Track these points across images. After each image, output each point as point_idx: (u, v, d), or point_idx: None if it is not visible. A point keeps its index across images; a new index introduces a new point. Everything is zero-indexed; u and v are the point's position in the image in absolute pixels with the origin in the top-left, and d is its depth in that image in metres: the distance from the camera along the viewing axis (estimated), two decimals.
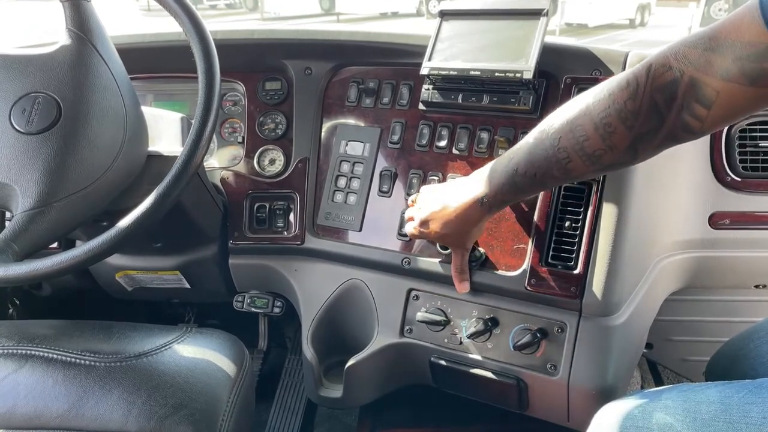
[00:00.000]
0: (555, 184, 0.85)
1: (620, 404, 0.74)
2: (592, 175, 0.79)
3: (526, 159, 0.75)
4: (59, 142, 0.77)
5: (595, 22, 12.64)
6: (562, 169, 0.72)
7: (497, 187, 0.78)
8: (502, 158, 0.79)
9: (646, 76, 0.64)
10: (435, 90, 1.01)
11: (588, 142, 0.68)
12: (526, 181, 0.76)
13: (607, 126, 0.66)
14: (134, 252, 1.16)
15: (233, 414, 0.85)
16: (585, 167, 0.71)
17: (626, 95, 0.65)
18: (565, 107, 0.72)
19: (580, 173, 0.72)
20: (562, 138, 0.70)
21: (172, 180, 0.76)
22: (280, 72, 1.16)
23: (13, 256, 0.72)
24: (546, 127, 0.73)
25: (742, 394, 0.67)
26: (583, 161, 0.70)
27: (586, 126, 0.68)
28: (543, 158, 0.73)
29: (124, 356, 0.84)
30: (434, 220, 0.87)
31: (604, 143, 0.67)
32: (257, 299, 1.22)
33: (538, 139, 0.74)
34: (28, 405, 0.78)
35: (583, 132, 0.68)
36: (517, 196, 0.82)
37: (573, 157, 0.70)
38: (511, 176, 0.76)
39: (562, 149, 0.71)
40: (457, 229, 0.86)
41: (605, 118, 0.66)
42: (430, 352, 0.99)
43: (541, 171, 0.74)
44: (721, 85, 0.60)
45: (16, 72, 0.80)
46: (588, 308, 0.88)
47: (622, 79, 0.66)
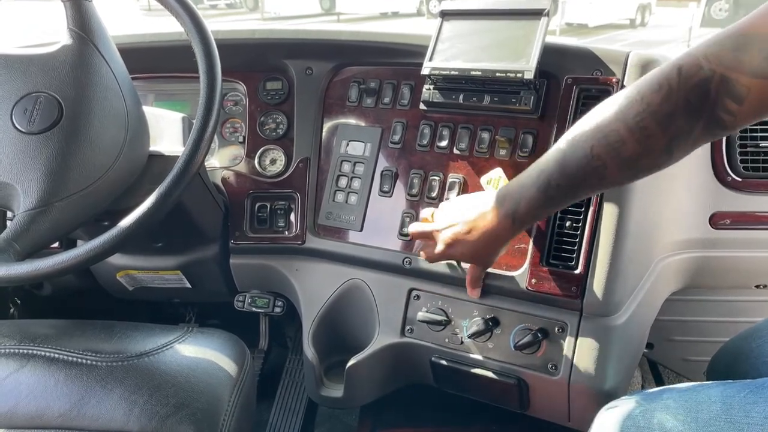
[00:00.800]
0: (589, 193, 0.80)
1: (622, 404, 0.74)
2: (627, 181, 0.77)
3: (559, 171, 0.72)
4: (61, 142, 0.77)
5: (595, 22, 12.64)
6: (598, 176, 0.70)
7: (529, 202, 0.76)
8: (528, 172, 0.77)
9: (678, 78, 0.64)
10: (436, 90, 1.01)
11: (624, 147, 0.67)
12: (560, 193, 0.74)
13: (643, 129, 0.66)
14: (135, 252, 1.16)
15: (234, 413, 0.85)
16: (621, 173, 0.70)
17: (660, 98, 0.65)
18: (592, 115, 0.70)
19: (616, 180, 0.71)
20: (595, 146, 0.69)
21: (173, 180, 0.76)
22: (281, 72, 1.16)
23: (14, 255, 0.73)
24: (575, 136, 0.71)
25: (744, 394, 0.67)
26: (619, 167, 0.69)
27: (620, 131, 0.67)
28: (577, 168, 0.71)
29: (125, 356, 0.84)
30: (461, 243, 0.83)
31: (640, 146, 0.66)
32: (258, 299, 1.23)
33: (569, 149, 0.72)
34: (30, 404, 0.78)
35: (618, 137, 0.67)
36: (550, 209, 0.79)
37: (609, 164, 0.69)
38: (543, 190, 0.74)
39: (596, 157, 0.69)
40: (486, 250, 0.83)
41: (641, 121, 0.65)
42: (430, 352, 0.99)
43: (575, 181, 0.72)
44: (751, 82, 0.60)
45: (18, 72, 0.80)
46: (589, 308, 0.88)
47: (653, 81, 0.66)
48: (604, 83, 0.92)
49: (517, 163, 0.96)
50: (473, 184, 0.98)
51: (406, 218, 1.02)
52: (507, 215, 0.78)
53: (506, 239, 0.83)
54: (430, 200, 1.00)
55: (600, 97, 0.91)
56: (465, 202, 0.86)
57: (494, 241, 0.82)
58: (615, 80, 0.91)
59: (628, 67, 0.91)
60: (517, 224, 0.79)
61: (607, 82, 0.92)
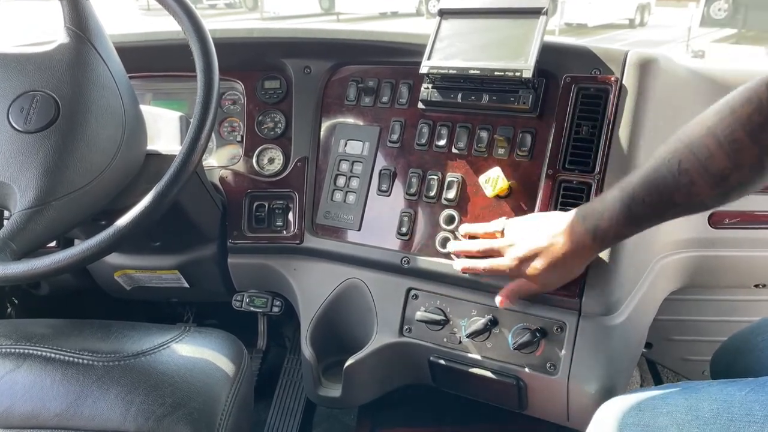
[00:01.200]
0: (675, 213, 0.73)
1: (622, 401, 0.74)
2: (717, 202, 0.70)
3: (643, 186, 0.70)
4: (57, 141, 0.77)
5: (594, 22, 12.65)
6: (685, 193, 0.68)
7: (611, 218, 0.73)
8: (611, 191, 0.75)
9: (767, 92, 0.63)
10: (434, 89, 1.00)
11: (712, 161, 0.65)
12: (645, 210, 0.71)
13: (733, 142, 0.64)
14: (133, 251, 1.15)
15: (232, 413, 0.84)
16: (710, 190, 0.67)
17: (751, 110, 0.64)
18: (681, 132, 0.69)
19: (704, 198, 0.68)
20: (683, 161, 0.67)
21: (170, 179, 0.75)
22: (279, 71, 1.16)
23: (11, 254, 0.72)
24: (663, 151, 0.70)
25: (745, 392, 0.67)
26: (708, 183, 0.67)
27: (709, 145, 0.65)
28: (663, 184, 0.69)
29: (122, 355, 0.84)
30: (539, 258, 0.79)
31: (730, 161, 0.65)
32: (256, 298, 1.22)
33: (655, 164, 0.70)
34: (26, 404, 0.77)
35: (707, 151, 0.65)
36: (633, 228, 0.75)
37: (696, 180, 0.67)
38: (627, 206, 0.72)
39: (683, 172, 0.67)
40: (560, 270, 0.80)
41: (731, 134, 0.64)
42: (429, 352, 0.99)
43: (661, 198, 0.70)
44: None
45: (15, 70, 0.80)
46: (587, 308, 0.88)
47: (743, 96, 0.65)
48: (602, 82, 0.92)
49: (515, 162, 0.96)
50: (472, 183, 0.98)
51: (405, 217, 1.02)
52: (587, 231, 0.76)
53: (584, 259, 0.80)
54: (429, 199, 1.00)
55: (599, 96, 0.91)
56: (541, 219, 0.84)
57: (571, 260, 0.79)
58: (614, 79, 0.91)
59: (627, 66, 0.91)
60: (597, 242, 0.76)
61: (606, 81, 0.91)
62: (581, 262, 0.81)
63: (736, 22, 9.90)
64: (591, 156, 0.90)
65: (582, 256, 0.79)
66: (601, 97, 0.92)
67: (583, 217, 0.77)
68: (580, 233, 0.76)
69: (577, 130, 0.92)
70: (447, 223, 0.98)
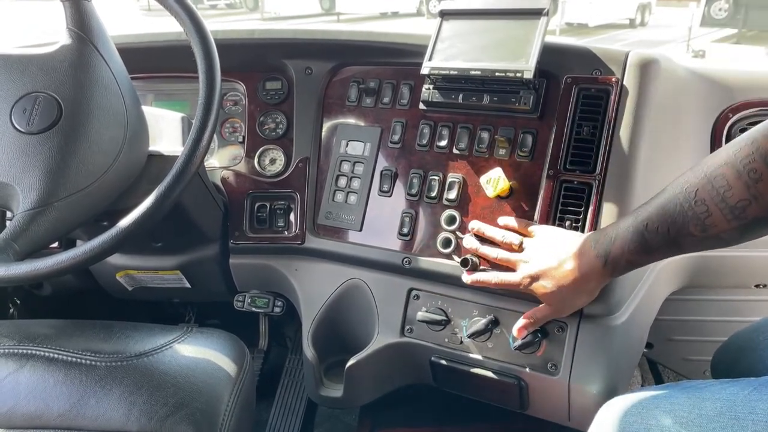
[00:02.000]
0: (690, 244, 0.71)
1: (623, 401, 0.74)
2: (735, 236, 0.67)
3: (658, 213, 0.70)
4: (60, 142, 0.77)
5: (595, 22, 12.65)
6: (700, 224, 0.67)
7: (623, 246, 0.73)
8: (626, 217, 0.74)
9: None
10: (435, 90, 1.01)
11: (730, 192, 0.64)
12: (658, 238, 0.70)
13: (752, 172, 0.63)
14: (135, 252, 1.16)
15: (234, 413, 0.85)
16: (726, 222, 0.65)
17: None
18: (701, 162, 0.68)
19: (720, 230, 0.66)
20: (700, 190, 0.66)
21: (172, 180, 0.76)
22: (280, 72, 1.16)
23: (13, 255, 0.73)
24: (680, 180, 0.69)
25: (748, 391, 0.67)
26: (725, 215, 0.65)
27: (727, 175, 0.64)
28: (678, 213, 0.68)
29: (124, 356, 0.84)
30: (546, 278, 0.80)
31: (749, 192, 0.63)
32: (258, 299, 1.23)
33: (671, 191, 0.69)
34: (29, 404, 0.78)
35: (725, 181, 0.64)
36: (645, 256, 0.74)
37: (713, 211, 0.65)
38: (639, 233, 0.71)
39: (699, 202, 0.66)
40: (569, 292, 0.79)
41: (750, 164, 0.63)
42: (430, 352, 0.99)
43: (675, 227, 0.68)
44: None
45: (17, 72, 0.80)
46: (588, 308, 0.88)
47: (764, 128, 0.64)
48: (603, 83, 0.92)
49: (516, 162, 0.96)
50: (473, 184, 0.98)
51: (406, 218, 1.02)
52: (598, 256, 0.75)
53: (594, 284, 0.79)
54: (430, 200, 1.00)
55: (599, 97, 0.91)
56: (558, 237, 0.83)
57: (581, 284, 0.78)
58: (614, 80, 0.91)
59: (628, 66, 0.91)
60: (608, 268, 0.75)
61: (607, 82, 0.92)
62: (592, 286, 0.80)
63: (737, 22, 9.90)
64: (592, 156, 0.90)
65: (592, 280, 0.78)
66: (601, 98, 0.92)
67: (596, 242, 0.76)
68: (591, 258, 0.76)
69: (578, 131, 0.92)
70: (448, 224, 0.98)
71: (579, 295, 0.81)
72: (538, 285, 0.81)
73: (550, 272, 0.80)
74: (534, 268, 0.82)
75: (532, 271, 0.82)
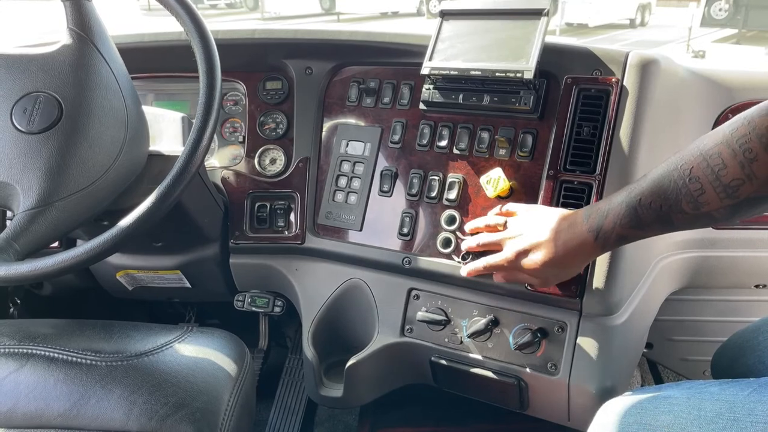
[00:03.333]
0: (682, 221, 0.70)
1: (624, 400, 0.74)
2: (725, 215, 0.67)
3: (652, 189, 0.70)
4: (60, 142, 0.77)
5: (595, 22, 12.65)
6: (693, 202, 0.67)
7: (615, 219, 0.73)
8: (620, 191, 0.74)
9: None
10: (436, 90, 1.01)
11: (725, 171, 0.64)
12: (650, 213, 0.70)
13: (748, 151, 0.63)
14: (135, 251, 1.16)
15: (234, 413, 0.85)
16: (719, 201, 0.65)
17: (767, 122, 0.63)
18: (697, 140, 0.68)
19: (713, 208, 0.66)
20: (695, 168, 0.66)
21: (173, 179, 0.76)
22: (280, 72, 1.16)
23: (14, 255, 0.73)
24: (676, 157, 0.69)
25: (747, 392, 0.67)
26: (718, 193, 0.65)
27: (723, 153, 0.64)
28: (671, 189, 0.68)
29: (125, 355, 0.84)
30: (538, 251, 0.79)
31: (743, 172, 0.63)
32: (258, 299, 1.23)
33: (666, 168, 0.69)
34: (30, 404, 0.78)
35: (720, 160, 0.64)
36: (637, 231, 0.73)
37: (707, 189, 0.65)
38: (632, 208, 0.71)
39: (694, 179, 0.66)
40: (563, 266, 0.79)
41: (746, 143, 0.63)
42: (430, 352, 0.99)
43: (668, 203, 0.68)
44: None
45: (18, 71, 0.80)
46: (588, 308, 0.88)
47: (762, 107, 0.64)
48: (603, 83, 0.92)
49: (516, 162, 0.96)
50: (473, 184, 0.98)
51: (406, 218, 1.02)
52: (591, 230, 0.75)
53: (585, 258, 0.79)
54: (430, 200, 1.00)
55: (599, 97, 0.92)
56: (544, 212, 0.83)
57: (571, 257, 0.78)
58: (614, 80, 0.91)
59: (628, 67, 0.91)
60: (599, 242, 0.75)
61: (607, 82, 0.92)
62: (581, 260, 0.80)
63: (737, 22, 9.90)
64: (592, 157, 0.90)
65: (582, 254, 0.78)
66: (602, 98, 0.92)
67: (588, 216, 0.76)
68: (583, 231, 0.76)
69: (578, 131, 0.92)
70: (448, 224, 0.98)
71: (568, 268, 0.81)
72: (527, 260, 0.80)
73: (540, 246, 0.79)
74: (522, 243, 0.81)
75: (520, 246, 0.81)
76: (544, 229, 0.79)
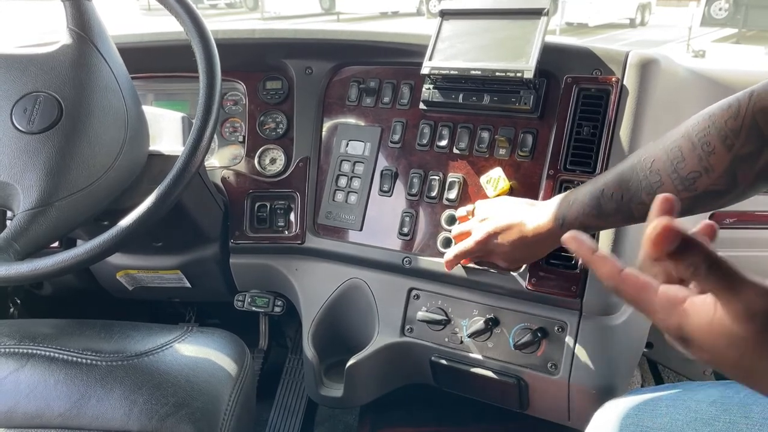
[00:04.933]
0: (642, 212, 0.71)
1: (621, 402, 0.74)
2: (686, 207, 0.68)
3: (614, 180, 0.72)
4: (60, 142, 0.77)
5: (595, 22, 12.65)
6: (652, 193, 0.68)
7: (579, 208, 0.75)
8: (587, 183, 0.77)
9: (749, 99, 0.63)
10: (436, 89, 1.01)
11: (683, 164, 0.66)
12: (611, 203, 0.72)
13: (706, 145, 0.64)
14: (135, 251, 1.16)
15: (234, 413, 0.85)
16: (677, 192, 0.66)
17: (727, 115, 0.64)
18: (665, 135, 0.70)
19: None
20: (656, 160, 0.68)
21: (173, 179, 0.76)
22: (280, 71, 1.16)
23: (14, 255, 0.73)
24: (641, 150, 0.71)
25: (743, 395, 0.67)
26: (675, 185, 0.67)
27: (683, 146, 0.66)
28: (633, 180, 0.70)
29: (125, 355, 0.84)
30: (505, 234, 0.82)
31: (701, 164, 0.65)
32: (258, 298, 1.23)
33: (630, 161, 0.71)
34: (30, 404, 0.78)
35: (679, 152, 0.66)
36: (599, 220, 0.75)
37: (665, 181, 0.67)
38: (596, 198, 0.73)
39: (654, 172, 0.68)
40: (527, 251, 0.82)
41: (704, 137, 0.65)
42: (430, 352, 0.99)
43: (628, 194, 0.70)
44: None
45: (18, 71, 0.80)
46: (588, 307, 0.88)
47: (723, 102, 0.65)
48: (603, 83, 0.92)
49: (516, 162, 0.96)
50: (473, 184, 0.98)
51: (406, 218, 1.02)
52: (556, 218, 0.77)
53: (549, 244, 0.81)
54: (430, 200, 1.00)
55: (600, 97, 0.91)
56: (512, 200, 0.86)
57: (536, 243, 0.81)
58: (614, 80, 0.91)
59: (628, 66, 0.91)
60: (564, 230, 0.75)
61: (607, 82, 0.92)
62: (547, 245, 0.83)
63: (737, 22, 9.90)
64: (592, 156, 0.90)
65: (548, 239, 0.80)
66: (602, 98, 0.92)
67: (555, 204, 0.79)
68: (549, 218, 0.78)
69: (578, 131, 0.92)
70: (448, 224, 0.98)
71: (534, 252, 0.84)
72: (498, 241, 0.83)
73: (510, 228, 0.82)
74: (492, 225, 0.84)
75: (490, 227, 0.84)
76: (513, 212, 0.83)
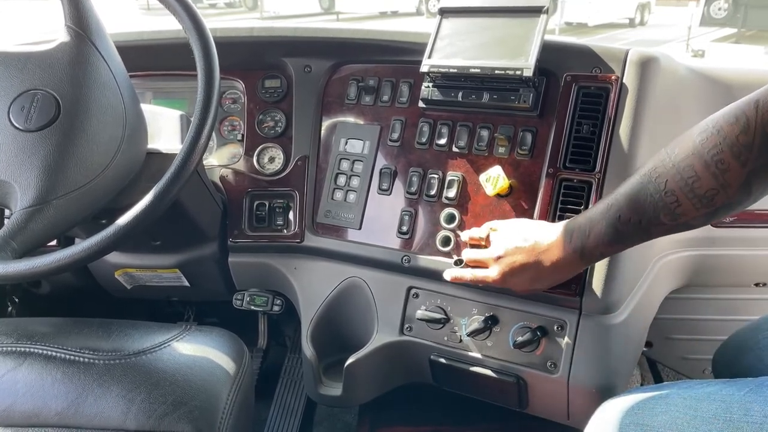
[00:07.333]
0: (662, 231, 0.72)
1: (621, 400, 0.74)
2: (702, 221, 0.69)
3: (629, 204, 0.71)
4: (58, 140, 0.77)
5: (594, 21, 12.65)
6: (671, 214, 0.68)
7: (598, 237, 0.74)
8: (598, 206, 0.75)
9: (755, 111, 0.63)
10: (435, 88, 1.00)
11: (699, 183, 0.65)
12: (630, 228, 0.71)
13: (720, 163, 0.64)
14: (133, 250, 1.16)
15: (232, 412, 0.84)
16: (695, 210, 0.67)
17: (737, 130, 0.63)
18: (668, 147, 0.69)
19: (690, 218, 0.68)
20: (669, 181, 0.67)
21: (171, 178, 0.75)
22: (279, 70, 1.16)
23: (11, 253, 0.72)
24: (649, 169, 0.70)
25: (744, 393, 0.67)
26: (694, 204, 0.66)
27: (695, 166, 0.65)
28: (649, 203, 0.69)
29: (123, 354, 0.84)
30: (525, 272, 0.81)
31: (717, 182, 0.64)
32: (257, 297, 1.22)
33: (641, 183, 0.70)
34: (27, 402, 0.77)
35: (693, 172, 0.65)
36: (619, 245, 0.76)
37: (683, 201, 0.67)
38: (613, 226, 0.72)
39: (669, 192, 0.67)
40: (546, 283, 0.82)
41: (717, 154, 0.64)
42: (429, 350, 0.99)
43: (646, 217, 0.70)
44: None
45: (15, 69, 0.80)
46: (588, 306, 0.88)
47: (729, 115, 0.65)
48: (603, 81, 0.92)
49: (516, 160, 0.96)
50: (472, 182, 0.98)
51: (405, 216, 1.02)
52: (575, 250, 0.77)
53: (571, 272, 0.81)
54: (429, 198, 1.00)
55: (599, 95, 0.91)
56: (528, 230, 0.83)
57: (558, 274, 0.80)
58: (614, 78, 0.91)
59: (628, 64, 0.91)
60: (585, 260, 0.77)
61: (607, 80, 0.92)
62: (567, 274, 0.82)
63: (736, 22, 9.90)
64: (591, 155, 0.90)
65: (568, 270, 0.80)
66: (601, 96, 0.92)
67: (570, 235, 0.77)
68: (568, 252, 0.77)
69: (577, 129, 0.92)
70: (447, 222, 0.98)
71: (552, 282, 0.83)
72: (516, 282, 0.83)
73: (526, 268, 0.81)
74: (509, 265, 0.82)
75: (506, 268, 0.82)
76: (530, 250, 0.80)
